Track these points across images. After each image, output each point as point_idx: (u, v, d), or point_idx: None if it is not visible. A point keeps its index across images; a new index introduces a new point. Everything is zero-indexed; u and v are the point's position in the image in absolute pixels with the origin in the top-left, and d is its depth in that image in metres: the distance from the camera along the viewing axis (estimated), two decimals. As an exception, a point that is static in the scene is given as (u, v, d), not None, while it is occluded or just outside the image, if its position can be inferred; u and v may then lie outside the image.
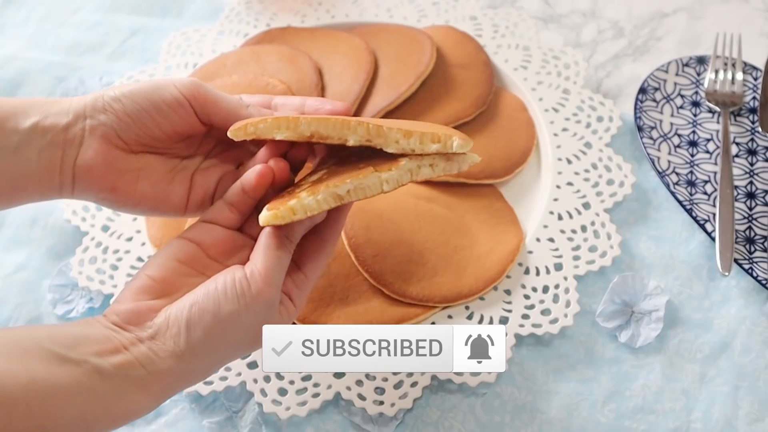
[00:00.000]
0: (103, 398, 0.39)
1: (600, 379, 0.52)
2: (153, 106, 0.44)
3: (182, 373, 0.41)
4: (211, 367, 0.43)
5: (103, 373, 0.39)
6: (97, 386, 0.39)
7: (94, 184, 0.44)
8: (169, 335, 0.40)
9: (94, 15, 0.76)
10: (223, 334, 0.41)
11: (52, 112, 0.43)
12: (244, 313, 0.41)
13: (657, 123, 0.64)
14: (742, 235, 0.57)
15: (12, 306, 0.57)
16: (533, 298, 0.54)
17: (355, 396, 0.50)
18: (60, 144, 0.43)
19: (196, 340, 0.40)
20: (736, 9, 0.72)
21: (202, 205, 0.47)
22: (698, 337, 0.53)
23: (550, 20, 0.73)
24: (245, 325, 0.41)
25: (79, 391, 0.38)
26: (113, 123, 0.44)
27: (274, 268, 0.41)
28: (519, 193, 0.61)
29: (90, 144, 0.43)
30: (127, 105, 0.44)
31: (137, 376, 0.39)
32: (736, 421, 0.50)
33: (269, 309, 0.42)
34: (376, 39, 0.68)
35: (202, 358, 0.41)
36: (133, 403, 0.40)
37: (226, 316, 0.40)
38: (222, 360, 0.43)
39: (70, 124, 0.43)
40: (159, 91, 0.44)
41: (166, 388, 0.41)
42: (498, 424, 0.50)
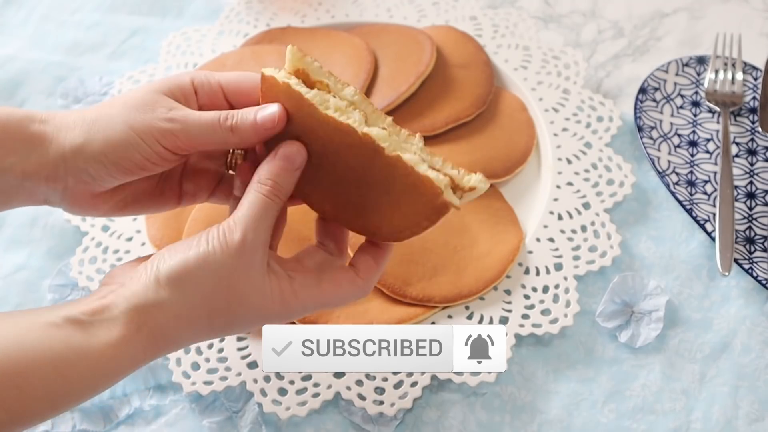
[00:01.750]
0: (75, 348, 0.37)
1: (600, 379, 0.52)
2: (135, 164, 0.42)
3: (153, 310, 0.39)
4: (185, 316, 0.40)
5: (75, 322, 0.38)
6: (68, 335, 0.38)
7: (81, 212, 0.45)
8: (144, 273, 0.40)
9: (93, 15, 0.76)
10: (190, 272, 0.39)
11: (33, 155, 0.42)
12: (211, 255, 0.39)
13: (657, 123, 0.64)
14: (742, 235, 0.57)
15: (12, 306, 0.57)
16: (533, 298, 0.54)
17: (355, 396, 0.50)
18: (41, 190, 0.42)
19: (165, 273, 0.39)
20: (736, 9, 0.72)
21: (194, 202, 0.48)
22: (698, 337, 0.53)
23: (550, 20, 0.73)
24: (213, 269, 0.40)
25: (49, 344, 0.37)
26: (96, 181, 0.42)
27: (248, 213, 0.40)
28: (519, 193, 0.61)
29: (75, 194, 0.43)
30: (110, 166, 0.42)
31: (109, 317, 0.39)
32: (736, 421, 0.50)
33: (242, 258, 0.40)
34: (376, 39, 0.68)
35: (172, 294, 0.39)
36: (109, 349, 0.38)
37: (193, 255, 0.39)
38: (196, 311, 0.40)
39: (50, 175, 0.42)
40: (138, 149, 0.41)
41: (141, 331, 0.39)
42: (498, 423, 0.50)
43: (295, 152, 0.42)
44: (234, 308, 0.41)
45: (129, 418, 0.51)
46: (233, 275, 0.40)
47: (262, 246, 0.41)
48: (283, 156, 0.42)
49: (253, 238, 0.40)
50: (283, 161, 0.42)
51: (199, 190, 0.48)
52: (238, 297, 0.40)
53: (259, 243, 0.40)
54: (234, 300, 0.40)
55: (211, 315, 0.40)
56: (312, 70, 0.43)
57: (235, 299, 0.40)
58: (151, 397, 0.52)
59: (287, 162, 0.42)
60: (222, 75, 0.45)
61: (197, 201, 0.48)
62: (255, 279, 0.41)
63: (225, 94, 0.45)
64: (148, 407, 0.52)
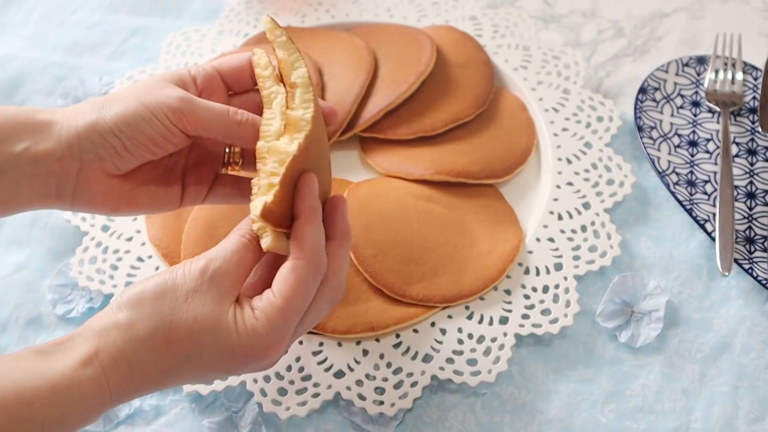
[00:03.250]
0: (35, 373, 0.37)
1: (600, 379, 0.52)
2: (149, 139, 0.43)
3: (110, 330, 0.39)
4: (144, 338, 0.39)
5: (39, 351, 0.38)
6: (31, 363, 0.37)
7: (95, 209, 0.45)
8: (110, 307, 0.40)
9: (93, 15, 0.76)
10: (150, 297, 0.39)
11: (43, 137, 0.42)
12: (170, 280, 0.40)
13: (657, 123, 0.64)
14: (742, 235, 0.57)
15: (12, 306, 0.57)
16: (533, 298, 0.54)
17: (355, 396, 0.50)
18: (54, 173, 0.43)
19: (124, 299, 0.40)
20: (735, 9, 0.72)
21: (195, 201, 0.48)
22: (698, 337, 0.53)
23: (550, 20, 0.73)
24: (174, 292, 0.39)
25: (11, 373, 0.37)
26: (112, 158, 0.43)
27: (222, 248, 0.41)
28: (519, 193, 0.61)
29: (89, 177, 0.43)
30: (125, 140, 0.42)
31: (72, 346, 0.39)
32: (736, 421, 0.50)
33: (204, 284, 0.39)
34: (376, 39, 0.68)
35: (129, 315, 0.39)
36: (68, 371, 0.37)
37: (152, 280, 0.40)
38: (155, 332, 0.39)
39: (65, 155, 0.42)
40: (150, 123, 0.42)
41: (99, 353, 0.38)
42: (498, 423, 0.50)
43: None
44: (196, 335, 0.39)
45: (129, 418, 0.51)
46: (193, 299, 0.39)
47: (231, 277, 0.40)
48: None
49: (218, 266, 0.40)
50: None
51: (199, 184, 0.48)
52: (200, 323, 0.39)
53: (224, 272, 0.40)
54: (195, 326, 0.39)
55: (170, 340, 0.39)
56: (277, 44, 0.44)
57: (197, 325, 0.39)
58: (151, 397, 0.52)
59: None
60: (216, 60, 0.47)
61: (197, 200, 0.48)
62: (218, 307, 0.40)
63: (221, 76, 0.46)
64: (148, 407, 0.52)
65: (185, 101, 0.43)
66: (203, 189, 0.48)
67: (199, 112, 0.43)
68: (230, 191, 0.49)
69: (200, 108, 0.43)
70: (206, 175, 0.48)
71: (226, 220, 0.57)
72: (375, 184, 0.60)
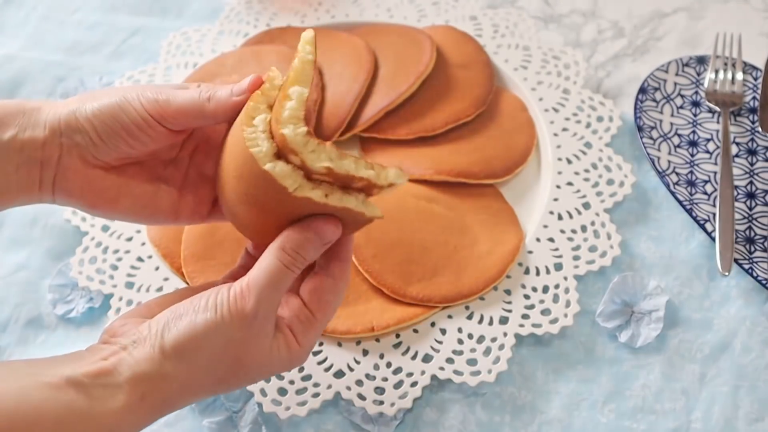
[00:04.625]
0: (79, 413, 0.37)
1: (600, 379, 0.52)
2: (122, 127, 0.42)
3: (159, 381, 0.38)
4: (190, 386, 0.40)
5: (77, 384, 0.37)
6: (71, 399, 0.37)
7: (73, 202, 0.44)
8: (149, 338, 0.39)
9: (93, 15, 0.76)
10: (197, 343, 0.39)
11: (30, 124, 0.42)
12: (221, 326, 0.38)
13: (657, 123, 0.64)
14: (742, 235, 0.57)
15: (12, 306, 0.57)
16: (533, 298, 0.54)
17: (354, 396, 0.50)
18: (37, 161, 0.42)
19: (170, 344, 0.38)
20: (735, 9, 0.72)
21: (193, 220, 0.47)
22: (698, 337, 0.53)
23: (550, 20, 0.73)
24: (222, 340, 0.39)
25: (51, 407, 0.36)
26: (88, 144, 0.42)
27: (263, 281, 0.39)
28: (519, 193, 0.61)
29: (68, 164, 0.43)
30: (98, 126, 0.42)
31: (113, 384, 0.38)
32: (736, 421, 0.50)
33: (252, 328, 0.39)
34: (376, 39, 0.68)
35: (178, 366, 0.39)
36: (112, 417, 0.37)
37: (200, 324, 0.39)
38: (201, 380, 0.40)
39: (47, 141, 0.42)
40: (125, 111, 0.42)
41: (146, 400, 0.38)
42: (498, 424, 0.50)
43: (330, 230, 0.41)
44: (240, 376, 0.41)
45: (129, 418, 0.51)
46: (242, 346, 0.39)
47: (273, 314, 0.40)
48: (315, 229, 0.40)
49: (266, 308, 0.39)
50: (314, 234, 0.40)
51: (199, 201, 0.47)
52: (246, 366, 0.40)
53: (271, 312, 0.40)
54: (241, 369, 0.40)
55: (216, 383, 0.41)
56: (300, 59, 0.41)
57: (243, 368, 0.40)
58: (151, 397, 0.52)
59: (318, 236, 0.41)
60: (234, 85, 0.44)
61: (194, 219, 0.47)
62: (263, 347, 0.40)
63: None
64: (148, 407, 0.51)
65: (162, 93, 0.42)
66: (203, 209, 0.47)
67: (173, 101, 0.42)
68: None
69: (175, 96, 0.42)
70: (206, 196, 0.47)
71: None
72: (375, 184, 0.60)
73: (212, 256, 0.55)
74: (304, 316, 0.42)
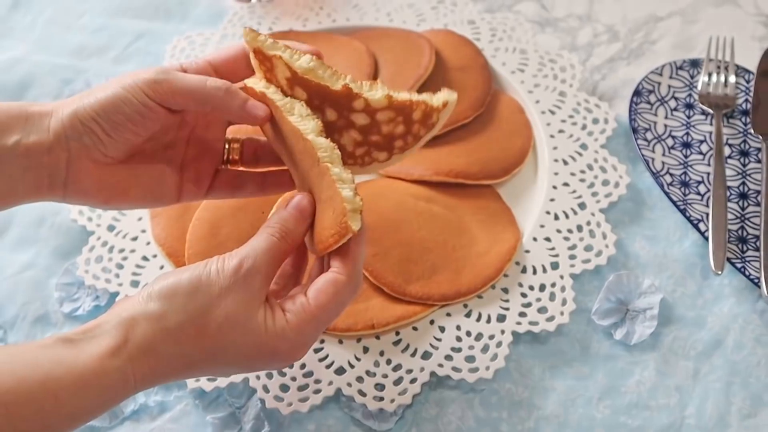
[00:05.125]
0: (65, 364, 0.37)
1: (595, 376, 0.52)
2: (128, 119, 0.42)
3: (141, 320, 0.38)
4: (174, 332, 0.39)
5: (66, 341, 0.38)
6: (58, 353, 0.37)
7: (86, 200, 0.45)
8: (138, 293, 0.40)
9: (99, 19, 0.76)
10: (183, 291, 0.39)
11: (34, 129, 0.42)
12: (205, 276, 0.40)
13: (651, 125, 0.64)
14: (734, 235, 0.57)
15: (20, 304, 0.57)
16: (530, 296, 0.55)
17: (355, 392, 0.50)
18: (45, 165, 0.42)
19: (157, 288, 0.39)
20: (728, 13, 0.72)
21: (195, 196, 0.48)
22: (692, 335, 0.53)
23: (546, 24, 0.73)
24: (207, 289, 0.39)
25: (39, 363, 0.36)
26: (97, 144, 0.43)
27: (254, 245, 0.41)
28: (516, 194, 0.61)
29: (79, 167, 0.43)
30: (104, 123, 0.42)
31: (99, 333, 0.38)
32: (729, 417, 0.50)
33: (237, 282, 0.39)
34: (376, 43, 0.68)
35: (160, 304, 0.39)
36: (96, 362, 0.37)
37: (186, 274, 0.40)
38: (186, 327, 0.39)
39: (53, 145, 0.42)
40: (126, 102, 0.42)
41: (128, 343, 0.38)
42: (495, 419, 0.50)
43: (306, 204, 0.43)
44: (226, 331, 0.40)
45: (134, 414, 0.51)
46: (226, 296, 0.39)
47: (262, 277, 0.41)
48: (294, 206, 0.43)
49: (251, 265, 0.40)
50: (295, 210, 0.43)
51: (199, 180, 0.48)
52: (231, 320, 0.40)
53: (256, 272, 0.40)
54: (226, 323, 0.40)
55: (201, 334, 0.39)
56: (265, 47, 0.44)
57: (228, 322, 0.40)
58: (156, 393, 0.52)
59: (298, 211, 0.43)
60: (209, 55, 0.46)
61: (197, 195, 0.48)
62: (250, 305, 0.40)
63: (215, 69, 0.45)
64: (153, 403, 0.52)
65: (160, 72, 0.42)
66: (203, 184, 0.48)
67: (174, 81, 0.42)
68: (232, 186, 0.49)
69: (176, 77, 0.42)
70: (206, 171, 0.48)
71: (229, 219, 0.57)
72: (375, 185, 0.60)
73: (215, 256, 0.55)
74: (300, 302, 0.41)
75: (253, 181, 0.50)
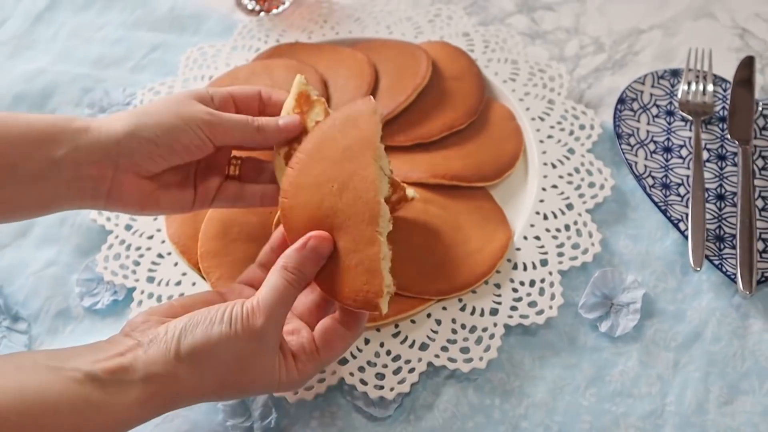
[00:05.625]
0: (94, 406, 0.37)
1: (582, 366, 0.52)
2: (183, 147, 0.45)
3: (170, 382, 0.39)
4: (198, 389, 0.40)
5: (95, 380, 0.38)
6: (88, 393, 0.37)
7: (125, 209, 0.46)
8: (164, 340, 0.39)
9: (117, 31, 0.76)
10: (210, 352, 0.39)
11: (81, 143, 0.43)
12: (233, 339, 0.39)
13: (634, 131, 0.64)
14: (712, 234, 0.57)
15: (43, 299, 0.57)
16: (521, 291, 0.55)
17: (357, 381, 0.51)
18: (90, 177, 0.43)
19: (185, 350, 0.39)
20: (706, 26, 0.73)
21: (203, 205, 0.50)
22: (672, 327, 0.54)
23: (536, 36, 0.73)
24: (233, 351, 0.39)
25: (69, 399, 0.37)
26: (146, 162, 0.44)
27: (274, 300, 0.40)
28: (508, 195, 0.61)
29: (123, 179, 0.45)
30: (162, 147, 0.44)
31: (128, 380, 0.38)
32: (707, 404, 0.50)
33: (261, 344, 0.40)
34: (376, 53, 0.68)
35: (190, 370, 0.39)
36: (125, 410, 0.38)
37: (215, 335, 0.39)
38: (208, 385, 0.40)
39: (102, 159, 0.43)
40: (184, 133, 0.44)
41: (156, 398, 0.39)
42: (488, 406, 0.50)
43: (324, 246, 0.43)
44: (244, 385, 0.41)
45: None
46: (250, 359, 0.40)
47: (279, 330, 0.41)
48: (311, 248, 0.42)
49: (274, 325, 0.40)
50: (311, 253, 0.42)
51: (207, 190, 0.49)
52: (250, 377, 0.41)
53: (278, 327, 0.41)
54: (245, 379, 0.41)
55: (222, 389, 0.41)
56: (311, 92, 0.49)
57: (247, 378, 0.41)
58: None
59: (315, 254, 0.42)
60: (230, 87, 0.49)
61: (204, 204, 0.50)
62: (267, 361, 0.41)
63: (234, 101, 0.49)
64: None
65: (213, 115, 0.45)
66: (210, 194, 0.50)
67: (226, 124, 0.45)
68: (234, 197, 0.50)
69: (225, 120, 0.45)
70: (213, 183, 0.50)
71: (239, 219, 0.57)
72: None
73: (226, 253, 0.56)
74: (310, 350, 0.43)
75: (251, 194, 0.51)
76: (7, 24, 0.77)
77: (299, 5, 0.76)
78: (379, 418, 0.50)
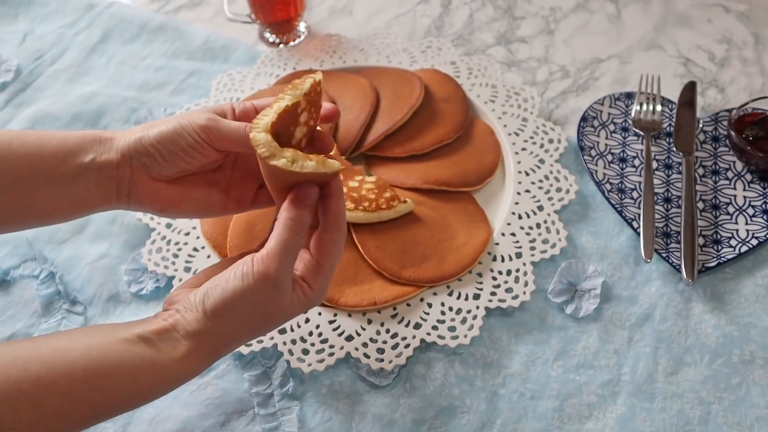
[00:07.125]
0: (149, 362, 0.37)
1: (551, 342, 0.52)
2: (181, 149, 0.42)
3: (206, 336, 0.39)
4: (231, 337, 0.40)
5: (147, 340, 0.38)
6: (143, 352, 0.38)
7: (145, 208, 0.45)
8: (194, 305, 0.39)
9: (159, 60, 0.76)
10: (231, 306, 0.38)
11: (105, 150, 0.43)
12: (249, 290, 0.38)
13: (595, 144, 0.64)
14: (660, 231, 0.57)
15: (96, 285, 0.57)
16: (499, 279, 0.54)
17: (361, 355, 0.50)
18: (113, 178, 0.43)
19: (210, 309, 0.39)
20: (655, 56, 0.72)
21: (240, 209, 0.47)
22: (626, 310, 0.53)
23: (512, 64, 0.73)
24: (252, 301, 0.38)
25: (128, 358, 0.37)
26: (154, 165, 0.43)
27: (280, 249, 0.39)
28: (488, 198, 0.61)
29: (138, 180, 0.43)
30: (161, 150, 0.42)
31: (173, 338, 0.38)
32: (656, 374, 0.50)
33: (275, 288, 0.38)
34: (377, 78, 0.68)
35: (219, 325, 0.39)
36: (175, 365, 0.38)
37: (230, 291, 0.38)
38: (239, 333, 0.40)
39: (120, 163, 0.42)
40: (182, 137, 0.42)
41: (200, 350, 0.39)
42: (472, 376, 0.50)
43: (309, 193, 0.40)
44: (269, 323, 0.41)
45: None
46: (269, 303, 0.39)
47: (290, 274, 0.40)
48: (301, 196, 0.40)
49: (284, 270, 0.39)
50: (302, 201, 0.40)
51: (243, 197, 0.47)
52: (273, 317, 0.40)
53: (288, 272, 0.39)
54: (269, 318, 0.40)
55: (253, 332, 0.41)
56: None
57: (270, 318, 0.40)
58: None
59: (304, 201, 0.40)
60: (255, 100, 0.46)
61: (241, 208, 0.47)
62: (285, 300, 0.40)
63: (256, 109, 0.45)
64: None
65: (211, 120, 0.42)
66: (247, 199, 0.47)
67: (222, 128, 0.42)
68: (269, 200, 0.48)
69: (223, 124, 0.42)
70: (249, 189, 0.47)
71: (263, 218, 0.57)
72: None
73: (251, 247, 0.55)
74: (312, 266, 0.41)
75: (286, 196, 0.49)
76: (66, 54, 0.77)
77: (312, 38, 0.76)
78: (380, 386, 0.50)
